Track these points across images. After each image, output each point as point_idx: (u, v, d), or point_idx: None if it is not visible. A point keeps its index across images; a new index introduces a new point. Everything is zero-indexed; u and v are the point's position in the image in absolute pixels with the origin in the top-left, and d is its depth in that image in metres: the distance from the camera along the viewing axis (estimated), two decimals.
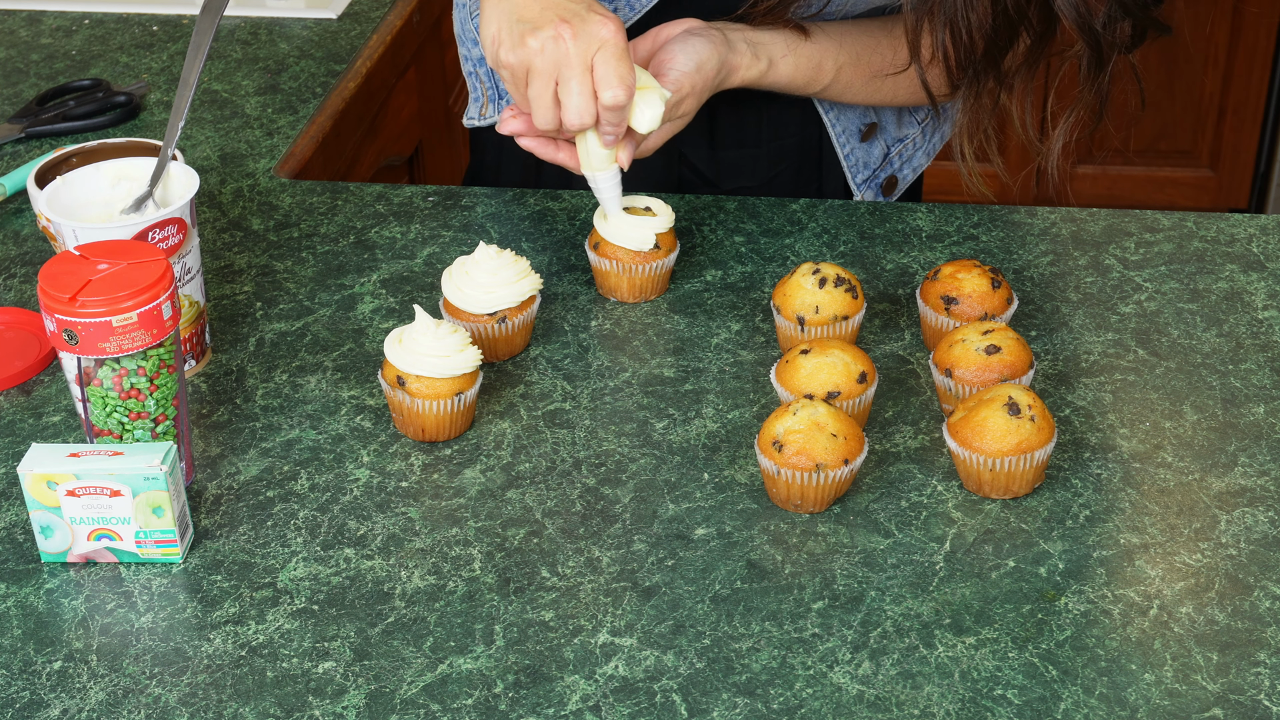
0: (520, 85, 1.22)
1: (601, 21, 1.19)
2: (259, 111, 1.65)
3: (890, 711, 0.97)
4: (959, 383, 1.17)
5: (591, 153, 1.25)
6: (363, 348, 1.29)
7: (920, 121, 1.52)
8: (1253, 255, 1.38)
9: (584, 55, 1.18)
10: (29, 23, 1.86)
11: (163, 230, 1.18)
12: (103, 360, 1.07)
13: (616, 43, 1.19)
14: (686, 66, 1.29)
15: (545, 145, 1.28)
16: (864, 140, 1.49)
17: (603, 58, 1.18)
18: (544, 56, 1.19)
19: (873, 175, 1.51)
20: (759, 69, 1.34)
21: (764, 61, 1.35)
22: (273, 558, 1.09)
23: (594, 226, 1.33)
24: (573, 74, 1.18)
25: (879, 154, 1.51)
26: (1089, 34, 1.28)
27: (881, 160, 1.51)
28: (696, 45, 1.30)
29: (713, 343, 1.28)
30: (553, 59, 1.19)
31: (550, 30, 1.18)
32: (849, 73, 1.39)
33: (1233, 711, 0.96)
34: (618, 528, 1.11)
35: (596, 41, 1.18)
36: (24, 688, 1.00)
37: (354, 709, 0.98)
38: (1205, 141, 3.23)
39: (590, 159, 1.26)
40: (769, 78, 1.36)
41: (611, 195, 1.29)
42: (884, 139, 1.50)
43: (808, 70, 1.37)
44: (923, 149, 1.54)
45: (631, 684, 0.99)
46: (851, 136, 1.48)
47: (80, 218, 1.21)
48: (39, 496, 1.06)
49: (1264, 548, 1.08)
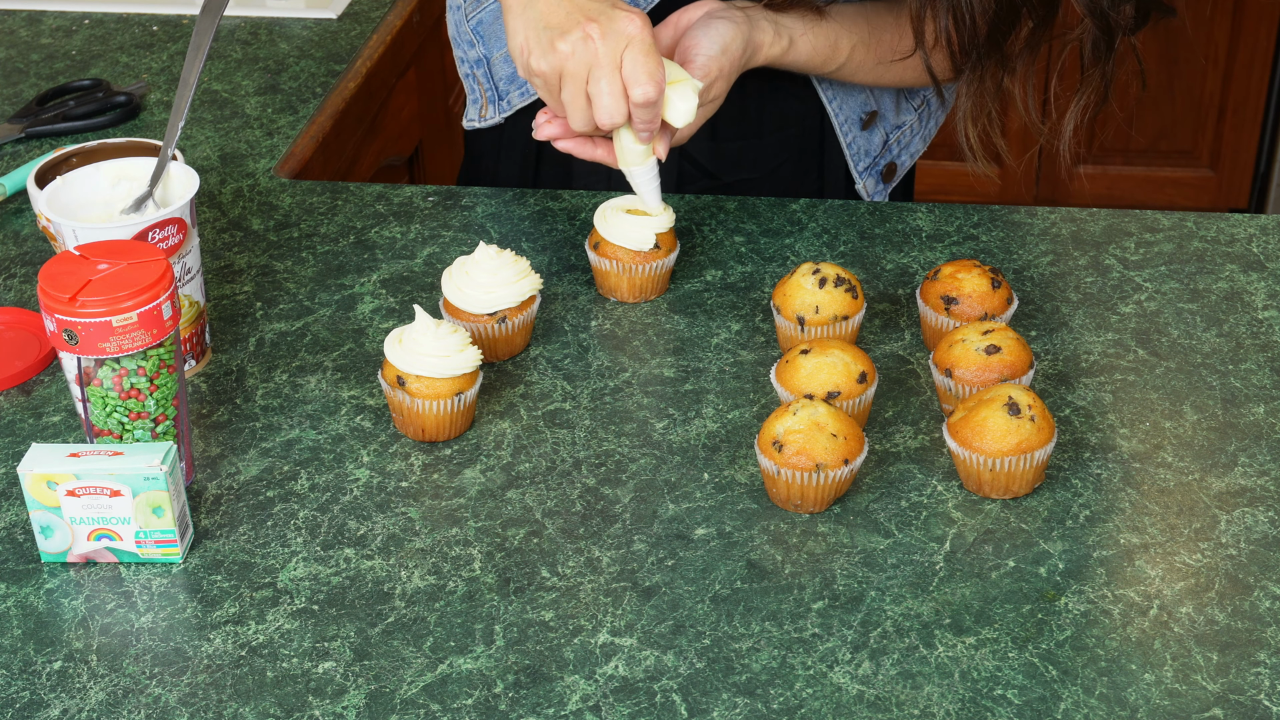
0: (554, 91, 1.22)
1: (628, 18, 1.19)
2: (259, 111, 1.65)
3: (890, 711, 0.97)
4: (959, 383, 1.17)
5: (627, 149, 1.25)
6: (363, 348, 1.29)
7: (917, 108, 1.52)
8: (1253, 255, 1.38)
9: (613, 54, 1.18)
10: (29, 23, 1.86)
11: (163, 230, 1.18)
12: (103, 360, 1.07)
13: (643, 38, 1.19)
14: (712, 50, 1.29)
15: (583, 145, 1.28)
16: (865, 129, 1.49)
17: (631, 55, 1.18)
18: (575, 60, 1.19)
19: (873, 163, 1.51)
20: (781, 46, 1.34)
21: (785, 39, 1.34)
22: (273, 558, 1.09)
23: (594, 226, 1.33)
24: (603, 74, 1.18)
25: (879, 141, 1.51)
26: (1097, 15, 1.29)
27: (881, 147, 1.51)
28: (720, 28, 1.30)
29: (713, 343, 1.28)
30: (583, 61, 1.19)
31: (578, 32, 1.18)
32: (861, 53, 1.39)
33: (1233, 711, 0.96)
34: (618, 528, 1.11)
35: (624, 39, 1.18)
36: (24, 688, 1.00)
37: (354, 709, 0.98)
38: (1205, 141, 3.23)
39: (626, 155, 1.26)
40: (790, 56, 1.36)
41: (650, 189, 1.29)
42: (883, 126, 1.51)
43: (825, 49, 1.37)
44: (919, 134, 1.55)
45: (631, 684, 0.99)
46: (854, 125, 1.49)
47: (80, 218, 1.21)
48: (39, 496, 1.06)
49: (1264, 548, 1.08)
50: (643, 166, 1.27)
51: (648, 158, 1.26)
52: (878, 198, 1.53)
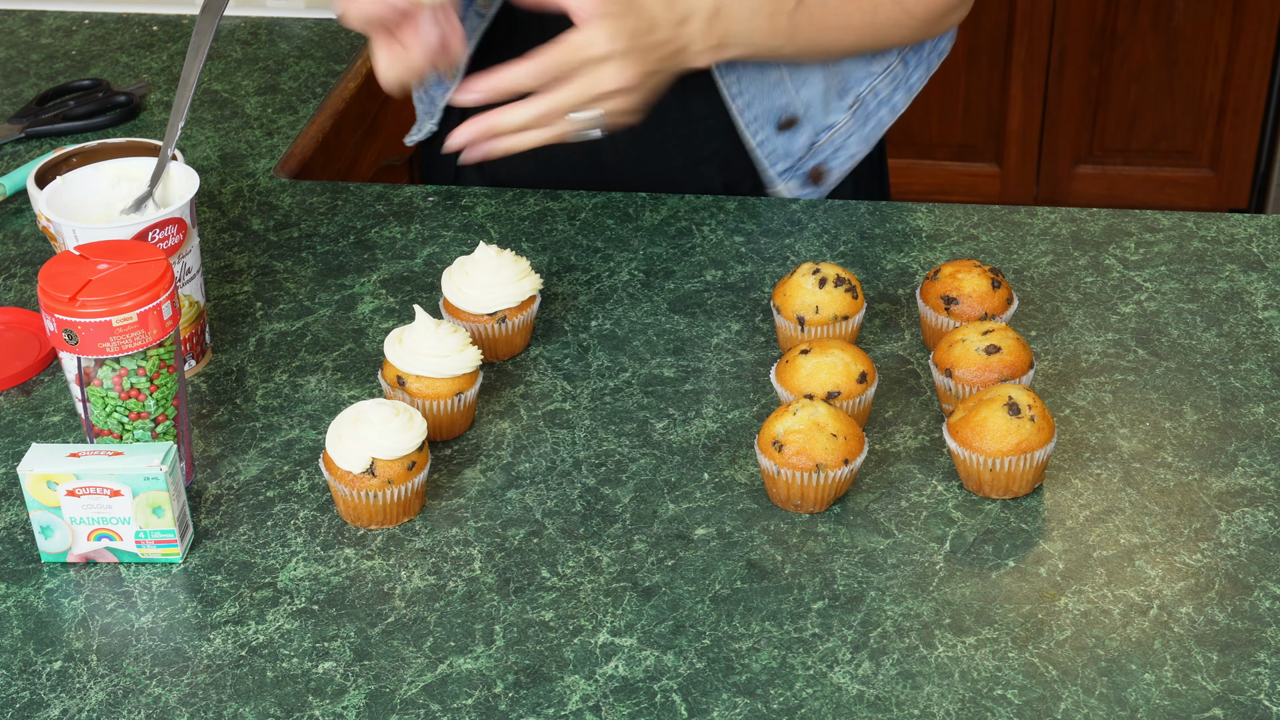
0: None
1: None
2: (259, 111, 1.65)
3: (890, 711, 0.97)
4: (959, 383, 1.17)
5: None
6: (363, 348, 1.29)
7: (849, 107, 1.46)
8: (1253, 255, 1.38)
9: None
10: (29, 23, 1.86)
11: (163, 230, 1.18)
12: (103, 360, 1.07)
13: None
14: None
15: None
16: (782, 130, 1.45)
17: None
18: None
19: (794, 165, 1.47)
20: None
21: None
22: (273, 558, 1.09)
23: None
24: None
25: (803, 143, 1.46)
26: None
27: (807, 150, 1.46)
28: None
29: (713, 343, 1.28)
30: None
31: None
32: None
33: (1233, 711, 0.96)
34: (618, 528, 1.11)
35: None
36: (24, 688, 1.00)
37: (354, 709, 0.98)
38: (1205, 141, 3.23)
39: None
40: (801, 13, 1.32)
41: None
42: (809, 128, 1.46)
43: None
44: (854, 135, 1.48)
45: (631, 684, 0.99)
46: (765, 126, 1.44)
47: (80, 218, 1.21)
48: (39, 496, 1.06)
49: (1264, 548, 1.08)
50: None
51: None
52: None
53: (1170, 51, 3.09)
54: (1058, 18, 3.10)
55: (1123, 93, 3.16)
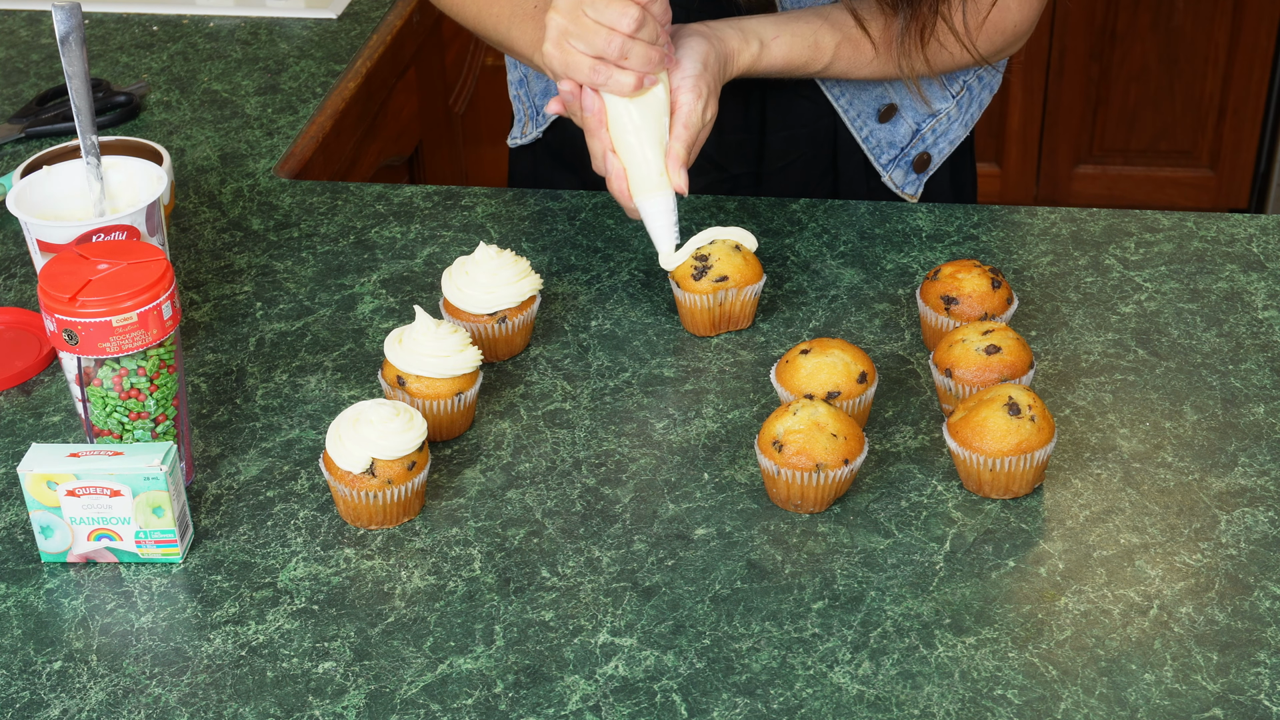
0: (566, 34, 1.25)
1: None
2: (259, 111, 1.65)
3: (890, 711, 0.97)
4: (959, 383, 1.16)
5: (639, 174, 1.25)
6: (363, 348, 1.29)
7: (955, 94, 1.50)
8: (1253, 255, 1.38)
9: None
10: (29, 23, 1.86)
11: (108, 236, 1.17)
12: (103, 360, 1.07)
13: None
14: (694, 69, 1.28)
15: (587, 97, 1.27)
16: (884, 121, 1.48)
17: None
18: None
19: (900, 154, 1.50)
20: (752, 51, 1.34)
21: (755, 43, 1.34)
22: (273, 558, 1.09)
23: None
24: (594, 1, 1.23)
25: (907, 131, 1.49)
26: None
27: (911, 138, 1.50)
28: (691, 44, 1.30)
29: (713, 343, 1.28)
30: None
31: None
32: (848, 50, 1.38)
33: (1233, 711, 0.96)
34: (618, 528, 1.11)
35: None
36: (24, 688, 1.00)
37: (354, 709, 0.98)
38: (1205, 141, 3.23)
39: (638, 181, 1.25)
40: (765, 60, 1.35)
41: (661, 224, 1.28)
42: (910, 116, 1.49)
43: (804, 49, 1.36)
44: (959, 121, 1.51)
45: (631, 684, 0.99)
46: (868, 119, 1.48)
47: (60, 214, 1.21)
48: (39, 496, 1.06)
49: (1264, 548, 1.08)
50: (654, 197, 1.26)
51: (662, 188, 1.26)
52: (909, 189, 1.51)
53: (1170, 51, 3.09)
54: (1057, 18, 3.10)
55: (1122, 93, 3.16)
